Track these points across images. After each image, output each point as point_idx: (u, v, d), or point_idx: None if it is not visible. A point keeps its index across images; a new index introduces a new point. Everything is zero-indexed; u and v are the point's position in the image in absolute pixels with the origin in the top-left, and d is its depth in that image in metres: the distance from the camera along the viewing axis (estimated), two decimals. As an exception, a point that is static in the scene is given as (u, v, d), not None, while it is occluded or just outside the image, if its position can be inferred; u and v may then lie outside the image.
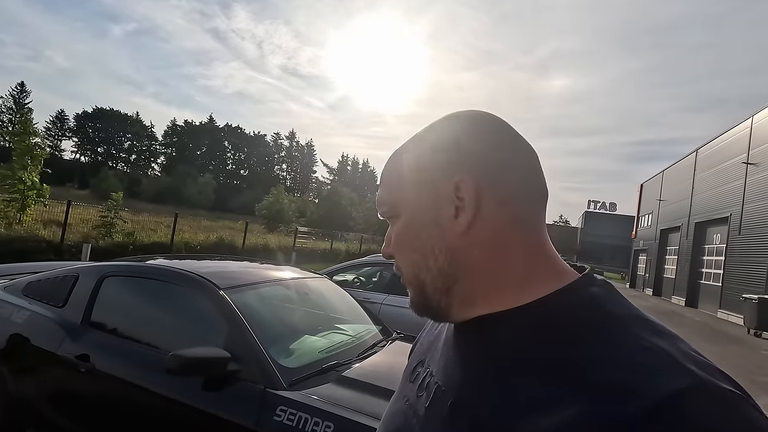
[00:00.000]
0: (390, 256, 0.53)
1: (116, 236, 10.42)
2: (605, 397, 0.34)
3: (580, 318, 0.42)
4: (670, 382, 0.33)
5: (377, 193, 0.55)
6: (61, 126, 75.22)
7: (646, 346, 0.38)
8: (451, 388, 0.47)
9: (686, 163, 23.17)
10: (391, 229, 0.53)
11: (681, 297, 20.72)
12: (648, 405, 0.32)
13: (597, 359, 0.38)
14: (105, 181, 44.58)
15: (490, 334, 0.46)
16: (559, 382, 0.38)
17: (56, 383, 2.24)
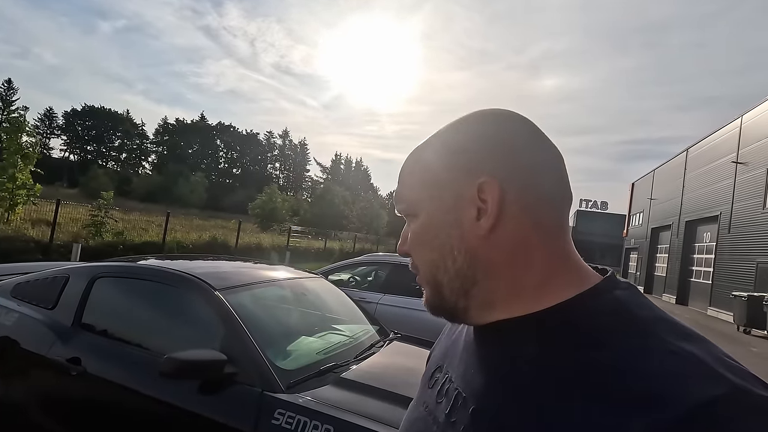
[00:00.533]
0: (406, 254, 0.52)
1: (106, 236, 10.28)
2: (632, 405, 0.33)
3: (603, 322, 0.41)
4: (703, 389, 0.32)
5: (396, 189, 0.54)
6: (49, 124, 74.15)
7: (674, 350, 0.36)
8: (471, 394, 0.46)
9: (677, 162, 23.44)
10: (408, 226, 0.52)
11: (672, 295, 20.97)
12: (680, 414, 0.31)
13: (622, 365, 0.36)
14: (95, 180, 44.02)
15: (509, 339, 0.45)
16: (583, 390, 0.37)
17: (47, 387, 2.19)
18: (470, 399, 0.45)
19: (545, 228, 0.45)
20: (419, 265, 0.51)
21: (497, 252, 0.45)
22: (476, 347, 0.50)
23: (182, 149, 79.68)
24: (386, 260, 5.28)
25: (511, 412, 0.41)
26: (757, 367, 7.84)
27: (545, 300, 0.44)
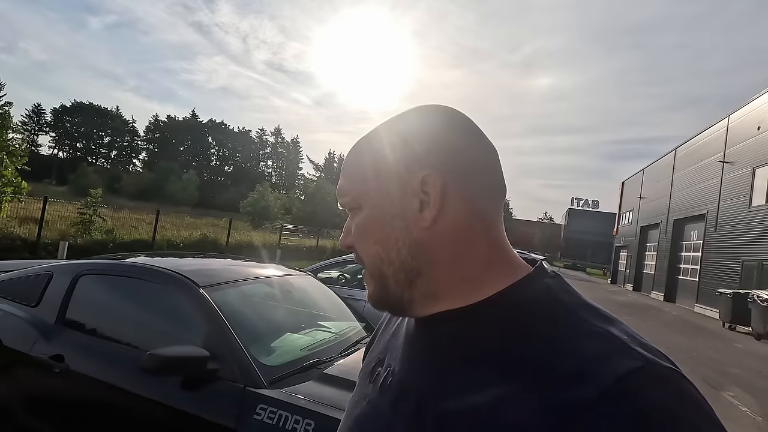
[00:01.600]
0: (349, 247, 0.53)
1: (95, 234, 10.17)
2: (563, 384, 0.36)
3: (535, 309, 0.44)
4: (622, 364, 0.36)
5: (339, 183, 0.54)
6: (37, 120, 72.97)
7: (599, 332, 0.40)
8: (414, 386, 0.47)
9: (666, 162, 23.74)
10: (351, 220, 0.52)
11: (660, 292, 21.27)
12: (605, 386, 0.35)
13: (554, 348, 0.40)
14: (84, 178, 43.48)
15: (450, 331, 0.46)
16: (520, 375, 0.39)
17: (30, 385, 2.18)
18: (413, 390, 0.47)
19: (485, 219, 0.48)
20: (364, 258, 0.51)
21: (440, 243, 0.47)
22: (417, 339, 0.51)
23: (173, 147, 78.96)
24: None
25: (452, 401, 0.42)
26: (741, 362, 7.99)
27: (485, 290, 0.46)
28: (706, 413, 0.36)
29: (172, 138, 79.33)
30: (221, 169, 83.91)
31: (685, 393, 0.36)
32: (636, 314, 13.89)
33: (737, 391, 5.89)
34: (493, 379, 0.41)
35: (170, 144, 78.93)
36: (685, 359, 7.68)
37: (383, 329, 0.63)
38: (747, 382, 6.53)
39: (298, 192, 43.26)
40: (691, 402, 0.36)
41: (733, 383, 6.34)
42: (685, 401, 0.35)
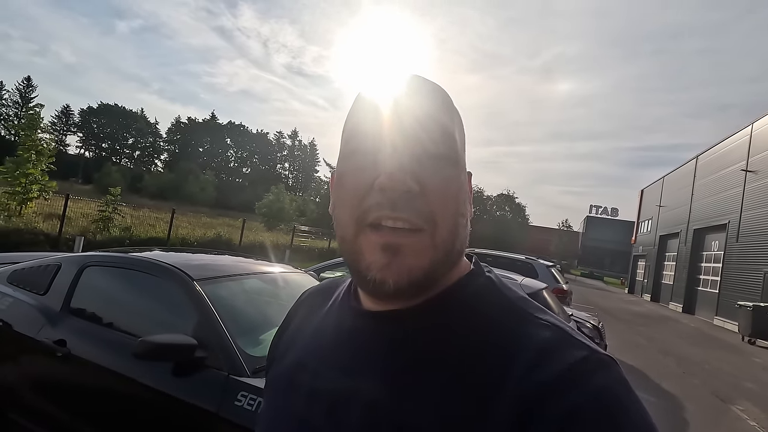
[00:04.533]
0: (408, 188, 0.41)
1: (114, 231, 10.52)
2: (523, 373, 0.38)
3: (484, 304, 0.46)
4: (572, 353, 0.39)
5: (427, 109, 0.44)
6: (66, 121, 75.65)
7: (545, 324, 0.43)
8: (364, 390, 0.44)
9: (686, 170, 23.16)
10: (431, 166, 0.43)
11: (678, 303, 20.70)
12: (559, 373, 0.37)
13: (510, 340, 0.42)
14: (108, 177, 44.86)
15: (404, 328, 0.45)
16: (478, 368, 0.40)
17: (36, 367, 2.32)
18: (362, 394, 0.43)
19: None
20: (439, 221, 0.42)
21: (465, 233, 0.47)
22: (362, 336, 0.47)
23: (193, 148, 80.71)
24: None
25: (411, 403, 0.41)
26: (757, 377, 7.75)
27: (449, 279, 0.47)
28: (636, 398, 0.38)
29: (192, 139, 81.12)
30: (239, 171, 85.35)
31: (622, 378, 0.39)
32: (651, 325, 13.57)
33: (747, 405, 5.73)
34: (451, 376, 0.41)
35: (190, 145, 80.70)
36: (697, 372, 7.50)
37: (291, 332, 0.58)
38: (760, 396, 6.34)
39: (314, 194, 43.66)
40: (626, 387, 0.38)
41: (745, 397, 6.16)
42: (623, 385, 0.38)
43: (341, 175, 0.46)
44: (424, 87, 0.46)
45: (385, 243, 0.41)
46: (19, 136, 11.03)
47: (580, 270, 56.78)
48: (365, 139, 0.44)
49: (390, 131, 0.43)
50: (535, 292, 4.46)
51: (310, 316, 0.57)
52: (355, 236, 0.43)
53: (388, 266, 0.41)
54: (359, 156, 0.44)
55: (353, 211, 0.43)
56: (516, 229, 50.00)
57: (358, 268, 0.44)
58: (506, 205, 53.63)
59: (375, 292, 0.44)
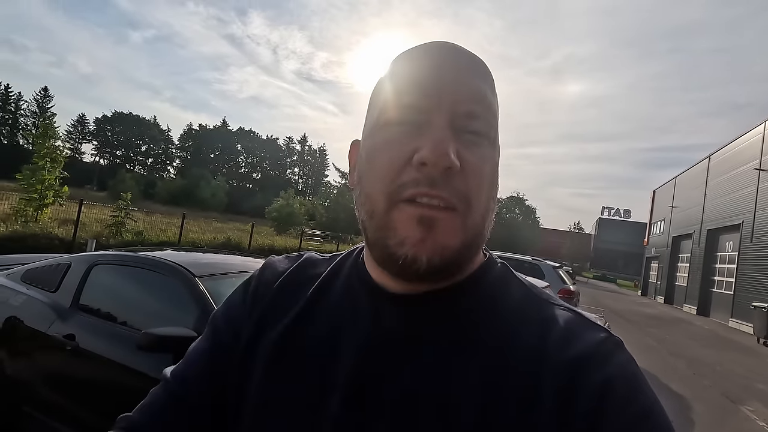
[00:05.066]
0: (449, 168, 0.39)
1: (126, 235, 10.77)
2: (560, 351, 0.41)
3: (509, 288, 0.47)
4: (595, 335, 0.42)
5: (469, 86, 0.42)
6: (81, 129, 77.39)
7: (564, 308, 0.45)
8: (398, 377, 0.42)
9: (699, 170, 22.82)
10: (464, 146, 0.41)
11: (692, 305, 20.34)
12: (590, 351, 0.40)
13: (539, 322, 0.43)
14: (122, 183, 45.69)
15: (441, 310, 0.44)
16: (518, 349, 0.42)
17: (47, 361, 2.44)
18: (393, 379, 0.42)
19: None
20: (474, 202, 0.41)
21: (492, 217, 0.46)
22: (406, 318, 0.44)
23: (205, 154, 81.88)
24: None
25: (450, 387, 0.41)
26: (769, 378, 7.60)
27: (474, 264, 0.46)
28: (642, 372, 0.42)
29: (203, 146, 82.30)
30: (249, 176, 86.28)
31: (631, 356, 0.42)
32: (662, 326, 13.38)
33: (757, 406, 5.65)
34: (490, 358, 0.41)
35: (202, 151, 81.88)
36: (707, 373, 7.39)
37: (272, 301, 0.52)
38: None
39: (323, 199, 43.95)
40: (636, 363, 0.42)
41: (756, 398, 6.07)
42: (634, 362, 0.42)
43: (374, 146, 0.43)
44: (467, 58, 0.43)
45: (422, 215, 0.39)
46: (35, 145, 11.37)
47: (593, 272, 56.05)
48: (405, 111, 0.41)
49: (433, 104, 0.40)
50: (536, 291, 4.48)
51: (299, 292, 0.51)
52: (387, 211, 0.40)
53: (422, 242, 0.39)
54: (396, 127, 0.41)
55: (386, 186, 0.40)
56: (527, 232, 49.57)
57: (387, 244, 0.41)
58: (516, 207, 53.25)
59: (404, 271, 0.40)
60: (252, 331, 0.50)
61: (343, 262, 0.54)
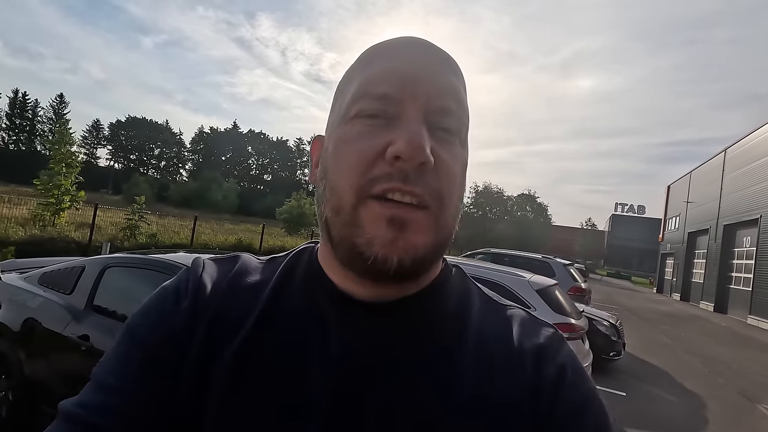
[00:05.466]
0: (423, 164, 0.38)
1: (140, 238, 10.98)
2: (524, 342, 0.45)
3: (468, 290, 0.49)
4: (543, 331, 0.46)
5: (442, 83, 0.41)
6: (96, 135, 78.90)
7: (516, 308, 0.49)
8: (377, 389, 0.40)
9: (714, 164, 22.37)
10: (444, 141, 0.40)
11: (709, 302, 19.95)
12: (548, 343, 0.45)
13: (502, 322, 0.47)
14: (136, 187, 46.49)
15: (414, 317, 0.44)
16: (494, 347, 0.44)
17: (62, 361, 2.52)
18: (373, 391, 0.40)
19: None
20: (445, 201, 0.40)
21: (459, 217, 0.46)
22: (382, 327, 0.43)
23: (216, 157, 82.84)
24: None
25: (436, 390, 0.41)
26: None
27: (438, 267, 0.47)
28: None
29: (214, 148, 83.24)
30: (260, 178, 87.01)
31: (572, 349, 0.47)
32: (678, 324, 13.16)
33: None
34: (472, 356, 0.43)
35: (213, 154, 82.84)
36: (723, 371, 7.27)
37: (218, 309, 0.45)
38: (790, 396, 6.10)
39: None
40: (576, 356, 0.47)
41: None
42: (575, 354, 0.46)
43: (342, 138, 0.41)
44: (440, 54, 0.42)
45: (392, 216, 0.37)
46: (51, 150, 11.67)
47: (606, 270, 55.28)
48: (377, 102, 0.39)
49: (407, 97, 0.39)
50: (544, 289, 4.46)
51: (250, 299, 0.46)
52: (355, 207, 0.38)
53: (393, 242, 0.37)
54: (368, 119, 0.39)
55: (356, 180, 0.38)
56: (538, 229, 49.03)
57: (354, 242, 0.38)
58: (527, 204, 52.73)
59: (373, 271, 0.38)
60: (201, 346, 0.42)
61: (292, 264, 0.49)
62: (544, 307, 4.23)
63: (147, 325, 0.44)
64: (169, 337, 0.43)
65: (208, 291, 0.46)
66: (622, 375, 6.15)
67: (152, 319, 0.45)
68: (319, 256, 0.47)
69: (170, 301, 0.46)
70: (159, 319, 0.44)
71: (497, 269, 4.87)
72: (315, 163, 0.47)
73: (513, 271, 4.87)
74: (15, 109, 67.24)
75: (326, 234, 0.42)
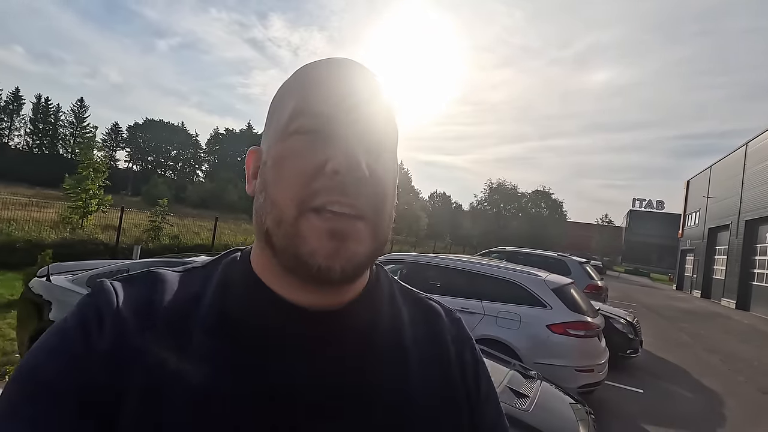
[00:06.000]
0: (362, 174, 0.41)
1: (163, 239, 11.36)
2: (448, 326, 0.56)
3: (395, 288, 0.56)
4: (451, 311, 0.59)
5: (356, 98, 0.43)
6: (115, 137, 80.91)
7: (429, 298, 0.60)
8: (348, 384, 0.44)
9: (735, 158, 21.88)
10: (378, 156, 0.44)
11: (731, 299, 19.57)
12: (455, 322, 0.57)
13: (427, 312, 0.56)
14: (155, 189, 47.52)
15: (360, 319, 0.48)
16: (429, 334, 0.53)
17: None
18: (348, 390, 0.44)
19: None
20: (380, 211, 0.43)
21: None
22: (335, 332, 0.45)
23: (232, 157, 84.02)
24: (406, 259, 5.62)
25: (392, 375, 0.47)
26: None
27: (371, 270, 0.53)
28: None
29: (230, 149, 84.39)
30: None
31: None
32: (697, 321, 12.99)
33: (795, 402, 5.51)
34: (414, 348, 0.50)
35: (229, 155, 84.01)
36: (744, 368, 7.22)
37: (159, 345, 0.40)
38: (812, 394, 6.05)
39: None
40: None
41: (794, 394, 5.91)
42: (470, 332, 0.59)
43: (282, 153, 0.43)
44: (372, 75, 0.46)
45: (332, 229, 0.40)
46: (77, 156, 12.12)
47: (624, 267, 54.40)
48: (314, 120, 0.42)
49: (345, 116, 0.42)
50: (560, 287, 4.55)
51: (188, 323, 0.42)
52: (296, 219, 0.40)
53: (335, 253, 0.40)
54: (306, 136, 0.42)
55: (297, 193, 0.40)
56: (553, 226, 48.54)
57: (298, 252, 0.40)
58: (542, 201, 52.18)
59: (318, 279, 0.41)
60: (140, 396, 0.38)
61: (225, 275, 0.47)
62: (560, 305, 4.33)
63: (56, 373, 0.37)
64: (90, 393, 0.37)
65: (135, 324, 0.41)
66: (640, 372, 6.19)
67: (64, 368, 0.37)
68: (254, 266, 0.47)
69: (78, 340, 0.39)
70: (72, 368, 0.37)
71: (514, 269, 4.97)
72: (252, 175, 0.48)
73: (530, 271, 4.97)
74: (38, 113, 69.26)
75: (267, 243, 0.43)
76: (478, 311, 4.48)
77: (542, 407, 2.23)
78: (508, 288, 4.56)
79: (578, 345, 4.20)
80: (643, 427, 4.27)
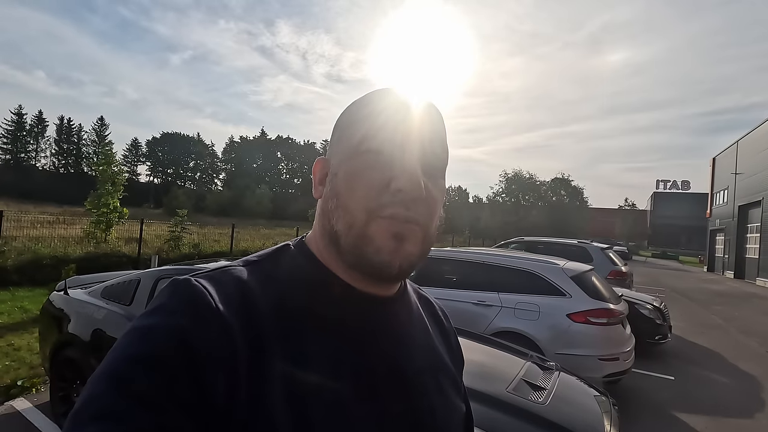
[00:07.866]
0: (421, 193, 0.49)
1: (184, 249, 11.57)
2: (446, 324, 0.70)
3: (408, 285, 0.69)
4: (438, 306, 0.74)
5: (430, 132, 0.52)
6: (135, 152, 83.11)
7: (420, 288, 0.72)
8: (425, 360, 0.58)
9: (762, 131, 20.94)
10: (433, 176, 0.52)
11: (767, 278, 18.75)
12: (441, 308, 0.72)
13: (427, 300, 0.70)
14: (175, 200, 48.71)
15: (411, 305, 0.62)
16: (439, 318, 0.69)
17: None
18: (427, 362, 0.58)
19: None
20: (430, 222, 0.52)
21: None
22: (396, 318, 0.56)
23: (247, 164, 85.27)
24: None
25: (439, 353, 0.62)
26: None
27: None
28: None
29: (245, 157, 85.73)
30: (291, 182, 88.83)
31: None
32: (731, 304, 12.47)
33: (840, 383, 5.21)
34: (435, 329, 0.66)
35: (244, 162, 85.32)
36: (784, 350, 6.87)
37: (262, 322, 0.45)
38: None
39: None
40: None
41: (839, 375, 5.58)
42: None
43: (354, 168, 0.51)
44: (432, 107, 0.54)
45: (397, 232, 0.48)
46: (97, 171, 12.45)
47: (651, 251, 52.81)
48: (384, 143, 0.50)
49: (410, 141, 0.50)
50: (579, 275, 4.41)
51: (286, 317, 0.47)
52: (366, 223, 0.48)
53: (396, 251, 0.48)
54: (375, 156, 0.50)
55: (367, 203, 0.48)
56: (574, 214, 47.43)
57: (364, 251, 0.49)
58: (562, 189, 51.03)
59: (380, 273, 0.49)
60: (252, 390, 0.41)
61: (291, 270, 0.52)
62: (579, 293, 4.19)
63: (204, 330, 0.42)
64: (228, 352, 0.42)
65: (243, 321, 0.44)
66: (670, 359, 5.97)
67: (212, 323, 0.42)
68: (321, 259, 0.54)
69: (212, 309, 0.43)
70: (218, 321, 0.43)
71: (530, 258, 4.84)
72: (319, 181, 0.56)
73: (546, 259, 4.82)
74: (62, 134, 71.76)
75: (332, 241, 0.52)
76: (495, 303, 4.37)
77: (561, 399, 2.14)
78: (525, 278, 4.43)
79: (601, 333, 4.05)
80: (675, 415, 4.10)
